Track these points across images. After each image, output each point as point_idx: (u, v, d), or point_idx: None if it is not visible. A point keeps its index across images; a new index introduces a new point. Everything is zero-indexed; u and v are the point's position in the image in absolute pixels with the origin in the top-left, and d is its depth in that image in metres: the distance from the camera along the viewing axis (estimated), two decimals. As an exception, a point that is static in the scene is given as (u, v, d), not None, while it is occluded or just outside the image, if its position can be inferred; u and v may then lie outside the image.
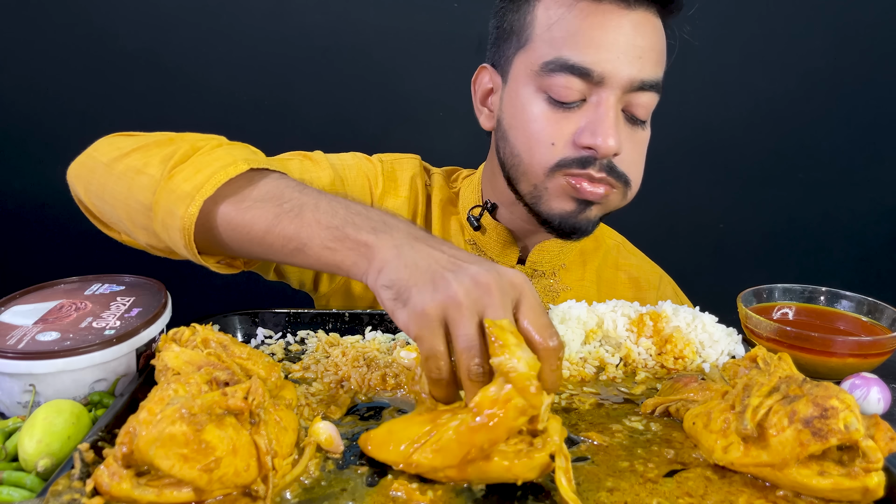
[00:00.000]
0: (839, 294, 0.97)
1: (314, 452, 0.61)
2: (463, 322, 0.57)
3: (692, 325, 0.84)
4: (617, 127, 0.93)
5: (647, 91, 0.94)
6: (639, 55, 0.92)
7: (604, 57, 0.91)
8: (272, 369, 0.70)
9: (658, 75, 0.95)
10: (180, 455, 0.51)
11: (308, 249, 0.68)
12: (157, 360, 0.66)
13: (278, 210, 0.70)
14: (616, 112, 0.93)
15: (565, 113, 0.95)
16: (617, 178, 0.95)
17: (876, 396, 0.78)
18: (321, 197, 0.71)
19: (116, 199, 0.78)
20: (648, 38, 0.93)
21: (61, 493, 0.52)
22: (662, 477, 0.61)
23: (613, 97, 0.92)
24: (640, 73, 0.92)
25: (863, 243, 2.19)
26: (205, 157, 0.75)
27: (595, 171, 0.94)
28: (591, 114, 0.93)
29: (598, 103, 0.93)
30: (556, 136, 0.95)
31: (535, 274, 1.12)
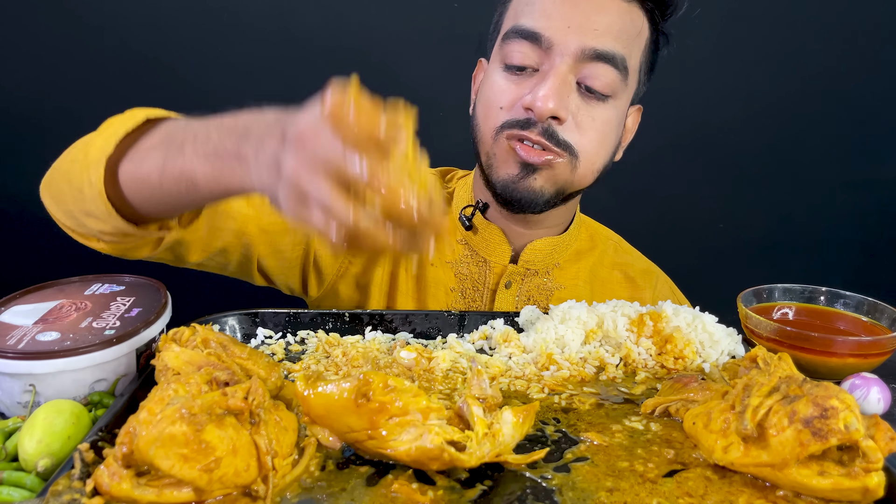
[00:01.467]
0: (839, 294, 0.97)
1: (314, 452, 0.61)
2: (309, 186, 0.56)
3: (692, 325, 0.84)
4: (560, 92, 0.92)
5: (602, 62, 0.94)
6: (594, 27, 0.93)
7: (555, 24, 0.93)
8: (272, 369, 0.70)
9: (615, 49, 0.94)
10: (180, 455, 0.51)
11: (198, 183, 0.70)
12: (157, 360, 0.66)
13: (165, 153, 0.73)
14: (563, 79, 0.93)
15: (518, 78, 0.96)
16: (557, 144, 0.95)
17: (876, 396, 0.78)
18: (200, 125, 0.72)
19: (65, 194, 0.80)
20: (609, 17, 0.93)
21: (61, 493, 0.52)
22: (662, 477, 0.61)
23: (563, 64, 0.93)
24: (593, 41, 0.92)
25: (863, 243, 2.19)
26: (111, 126, 0.78)
27: (534, 134, 0.94)
28: (538, 78, 0.95)
29: (548, 70, 0.94)
30: (506, 100, 0.97)
31: (528, 273, 1.11)
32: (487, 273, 1.10)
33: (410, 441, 0.58)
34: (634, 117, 1.10)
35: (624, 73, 0.96)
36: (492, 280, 1.10)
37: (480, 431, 0.59)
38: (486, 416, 0.61)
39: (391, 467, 0.60)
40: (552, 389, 0.76)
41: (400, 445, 0.58)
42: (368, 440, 0.59)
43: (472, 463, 0.58)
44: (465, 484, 0.59)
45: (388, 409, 0.57)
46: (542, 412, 0.71)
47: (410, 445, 0.58)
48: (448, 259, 1.12)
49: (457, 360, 0.81)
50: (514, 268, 1.10)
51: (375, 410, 0.57)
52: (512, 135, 0.96)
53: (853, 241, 2.18)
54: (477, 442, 0.58)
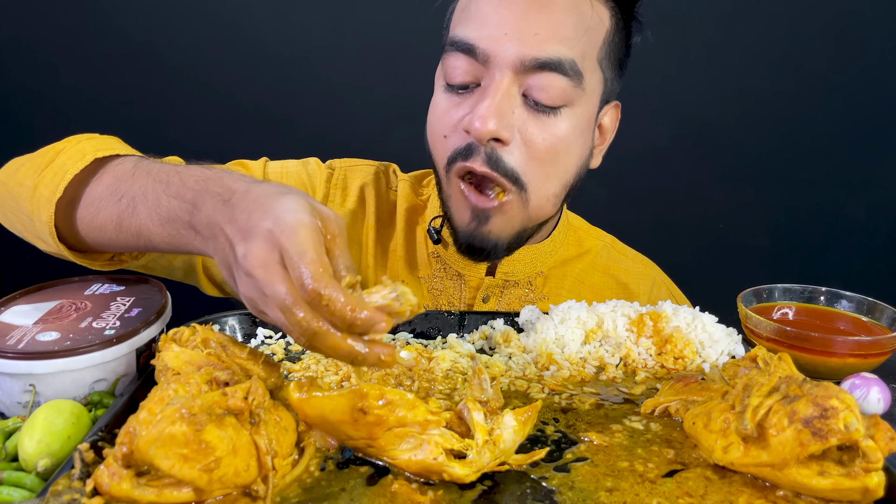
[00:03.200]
0: (839, 294, 0.97)
1: (314, 452, 0.61)
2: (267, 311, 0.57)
3: (692, 325, 0.84)
4: (501, 109, 0.82)
5: (548, 72, 0.83)
6: (535, 31, 0.82)
7: (489, 33, 0.83)
8: (272, 369, 0.70)
9: (562, 54, 0.83)
10: (180, 455, 0.51)
11: (156, 245, 0.73)
12: (157, 360, 0.66)
13: (117, 208, 0.74)
14: (504, 94, 0.83)
15: (458, 99, 0.87)
16: (504, 175, 0.85)
17: (876, 396, 0.78)
18: (147, 178, 0.72)
19: (14, 213, 0.83)
20: (553, 15, 0.83)
21: (61, 493, 0.52)
22: (662, 477, 0.61)
23: (504, 78, 0.83)
24: (534, 50, 0.82)
25: (863, 243, 2.19)
26: (62, 158, 0.78)
27: (478, 163, 0.85)
28: (478, 96, 0.85)
29: (487, 85, 0.84)
30: (448, 126, 0.88)
31: (508, 284, 1.05)
32: (463, 287, 1.04)
33: (410, 451, 0.58)
34: (612, 115, 1.00)
35: (576, 77, 0.85)
36: (468, 294, 1.04)
37: (481, 439, 0.59)
38: (486, 420, 0.61)
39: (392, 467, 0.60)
40: (552, 389, 0.76)
41: (400, 454, 0.58)
42: (368, 448, 0.60)
43: (471, 478, 0.58)
44: (465, 484, 0.59)
45: (386, 422, 0.57)
46: (542, 412, 0.71)
47: (410, 456, 0.58)
48: (420, 274, 1.06)
49: (457, 359, 0.81)
50: (492, 280, 1.04)
51: (373, 423, 0.57)
52: (459, 169, 0.87)
53: (853, 241, 2.18)
54: (477, 452, 0.58)
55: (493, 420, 0.61)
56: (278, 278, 0.55)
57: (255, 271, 0.56)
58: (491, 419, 0.61)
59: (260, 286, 0.56)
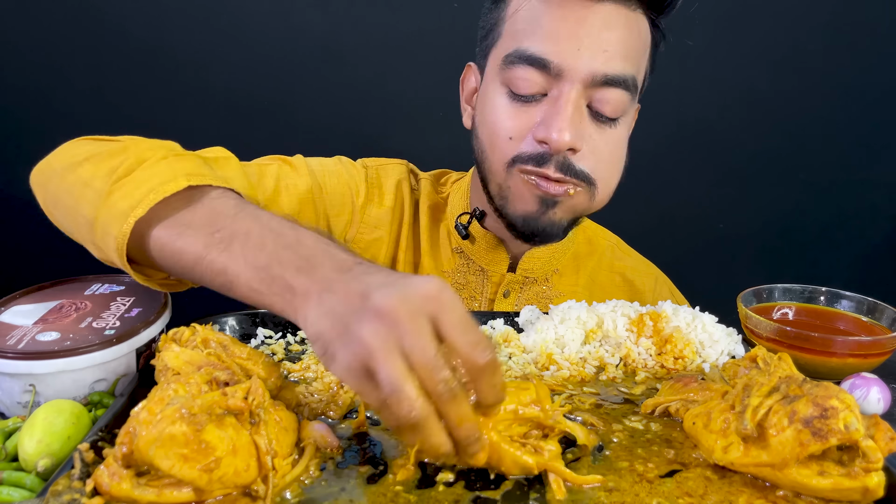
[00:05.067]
0: (839, 294, 0.97)
1: (314, 452, 0.61)
2: (379, 367, 0.51)
3: (692, 325, 0.84)
4: (574, 121, 0.89)
5: (613, 87, 0.90)
6: (603, 48, 0.88)
7: (563, 48, 0.88)
8: (272, 369, 0.70)
9: (626, 71, 0.90)
10: (180, 455, 0.51)
11: (236, 288, 0.64)
12: (157, 360, 0.66)
13: (208, 240, 0.66)
14: (575, 106, 0.89)
15: (525, 107, 0.92)
16: (576, 176, 0.92)
17: (876, 396, 0.78)
18: (254, 223, 0.66)
19: (67, 209, 0.76)
20: (618, 33, 0.89)
21: (61, 493, 0.52)
22: (662, 477, 0.61)
23: (574, 91, 0.89)
24: (604, 66, 0.88)
25: (863, 243, 2.19)
26: (146, 172, 0.71)
27: (551, 170, 0.91)
28: (550, 107, 0.90)
29: (558, 97, 0.89)
30: (515, 130, 0.93)
31: (527, 281, 1.10)
32: (485, 282, 1.09)
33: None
34: (633, 116, 1.07)
35: (634, 92, 0.93)
36: (490, 289, 1.09)
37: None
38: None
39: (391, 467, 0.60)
40: (552, 389, 0.76)
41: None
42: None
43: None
44: (466, 485, 0.59)
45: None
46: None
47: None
48: (444, 269, 1.09)
49: None
50: (513, 276, 1.08)
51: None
52: (526, 170, 0.92)
53: (853, 241, 2.18)
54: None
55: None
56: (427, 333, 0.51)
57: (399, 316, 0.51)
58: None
59: (398, 333, 0.51)
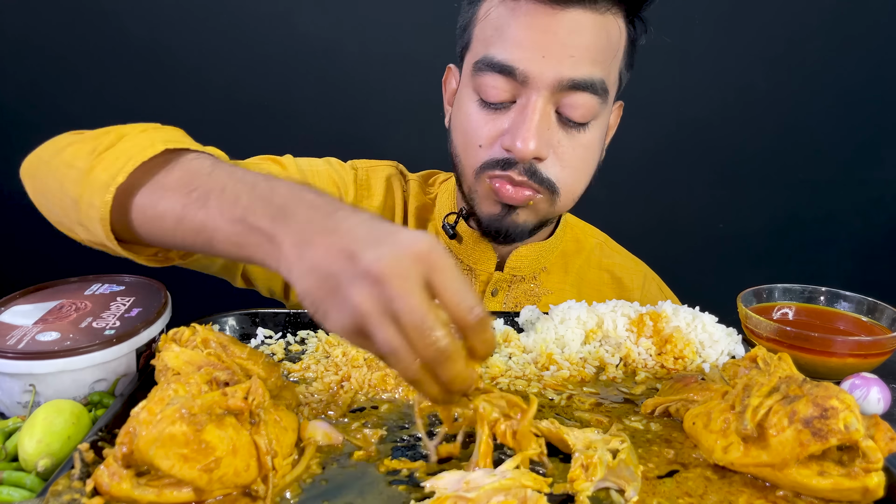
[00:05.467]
0: (839, 294, 0.97)
1: (314, 452, 0.61)
2: (375, 331, 0.52)
3: (692, 325, 0.84)
4: (540, 130, 0.89)
5: (581, 91, 0.89)
6: (569, 54, 0.87)
7: (528, 55, 0.87)
8: (272, 369, 0.70)
9: (594, 75, 0.89)
10: (180, 455, 0.51)
11: (217, 244, 0.64)
12: (157, 360, 0.66)
13: (186, 200, 0.66)
14: (542, 114, 0.89)
15: (494, 114, 0.92)
16: (540, 182, 0.92)
17: (876, 396, 0.78)
18: (229, 178, 0.66)
19: (53, 194, 0.76)
20: (584, 37, 0.88)
21: (61, 493, 0.52)
22: (662, 477, 0.61)
23: (540, 98, 0.88)
24: (570, 71, 0.87)
25: (863, 243, 2.19)
26: (125, 144, 0.71)
27: (516, 174, 0.91)
28: (516, 116, 0.90)
29: (525, 105, 0.89)
30: (484, 138, 0.93)
31: (515, 279, 1.10)
32: (473, 281, 1.09)
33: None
34: (616, 114, 1.06)
35: (604, 95, 0.92)
36: (478, 288, 1.09)
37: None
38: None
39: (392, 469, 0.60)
40: (553, 389, 0.76)
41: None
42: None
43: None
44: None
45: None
46: (541, 413, 0.71)
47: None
48: None
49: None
50: (500, 275, 1.09)
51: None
52: (493, 175, 0.93)
53: (853, 241, 2.18)
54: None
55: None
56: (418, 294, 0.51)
57: (390, 279, 0.51)
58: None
59: (389, 296, 0.51)
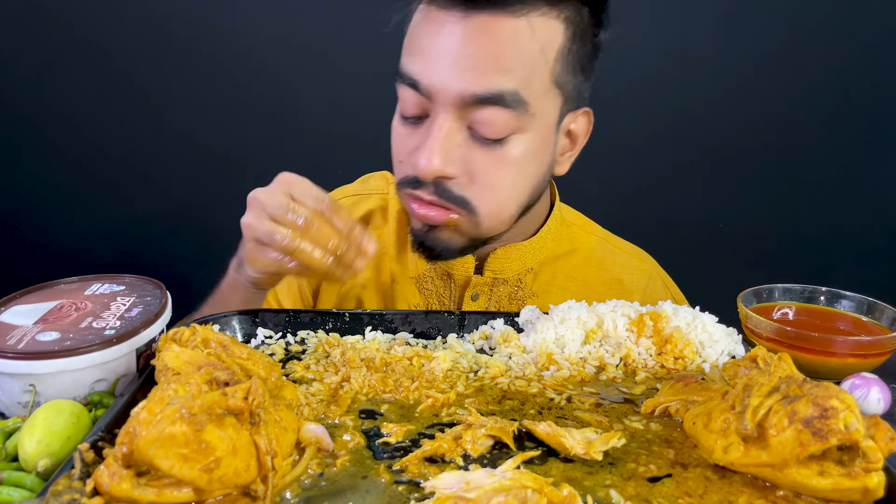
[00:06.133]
0: (839, 294, 0.97)
1: (315, 453, 0.61)
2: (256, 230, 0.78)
3: (692, 325, 0.84)
4: (444, 147, 0.84)
5: (489, 106, 0.82)
6: (472, 65, 0.81)
7: (430, 68, 0.83)
8: (272, 369, 0.70)
9: (503, 87, 0.82)
10: (180, 455, 0.51)
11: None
12: (157, 360, 0.66)
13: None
14: (449, 131, 0.84)
15: (411, 129, 0.89)
16: (452, 202, 0.87)
17: (876, 396, 0.78)
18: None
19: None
20: (493, 45, 0.81)
21: (61, 493, 0.52)
22: (662, 477, 0.61)
23: (447, 114, 0.83)
24: (472, 86, 0.81)
25: (863, 243, 2.19)
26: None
27: (425, 193, 0.87)
28: (424, 132, 0.86)
29: (432, 120, 0.85)
30: (403, 154, 0.91)
31: (497, 282, 1.05)
32: (452, 286, 1.07)
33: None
34: (582, 122, 0.97)
35: (520, 107, 0.84)
36: (456, 293, 1.07)
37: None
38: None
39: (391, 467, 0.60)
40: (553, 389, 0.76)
41: None
42: None
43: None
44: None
45: None
46: (542, 413, 0.71)
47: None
48: (411, 275, 1.08)
49: (457, 360, 0.81)
50: (480, 279, 1.05)
51: None
52: (407, 193, 0.90)
53: (853, 240, 2.18)
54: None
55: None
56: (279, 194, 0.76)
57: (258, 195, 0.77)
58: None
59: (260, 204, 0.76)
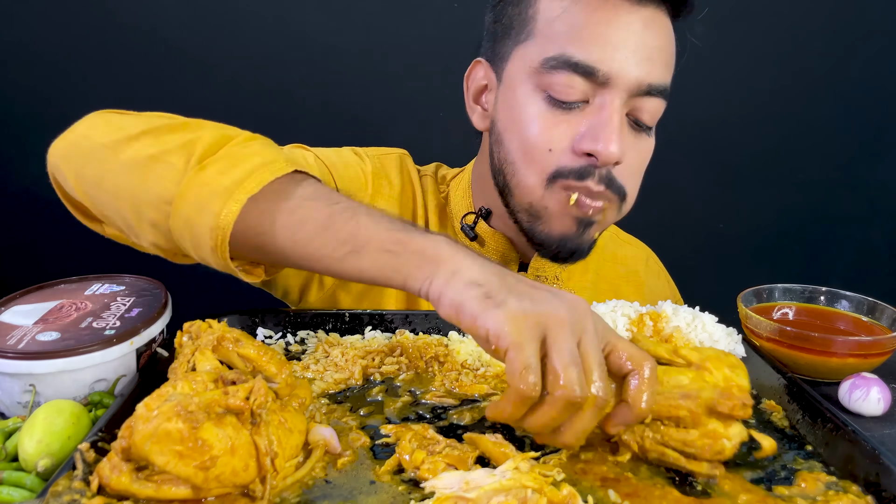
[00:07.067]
0: (839, 294, 0.97)
1: (322, 456, 0.61)
2: (564, 338, 0.54)
3: (692, 325, 0.84)
4: (622, 134, 0.86)
5: (654, 96, 0.88)
6: (648, 56, 0.85)
7: (610, 55, 0.84)
8: (283, 366, 0.68)
9: (666, 80, 0.89)
10: (175, 452, 0.50)
11: (364, 252, 0.62)
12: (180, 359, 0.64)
13: (330, 210, 0.65)
14: (621, 116, 0.86)
15: (565, 115, 0.87)
16: (615, 191, 0.89)
17: (876, 396, 0.78)
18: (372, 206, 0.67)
19: (120, 187, 0.69)
20: (659, 39, 0.87)
21: (61, 494, 0.52)
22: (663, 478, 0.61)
23: (619, 100, 0.85)
24: (649, 75, 0.86)
25: (863, 243, 2.19)
26: (241, 151, 0.67)
27: (594, 183, 0.87)
28: (594, 117, 0.86)
29: (602, 106, 0.86)
30: (555, 141, 0.87)
31: (538, 279, 1.06)
32: None
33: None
34: None
35: (667, 100, 0.90)
36: None
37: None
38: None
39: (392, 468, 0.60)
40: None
41: None
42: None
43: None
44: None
45: None
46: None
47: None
48: None
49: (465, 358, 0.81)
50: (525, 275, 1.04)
51: None
52: (569, 185, 0.88)
53: (853, 241, 2.18)
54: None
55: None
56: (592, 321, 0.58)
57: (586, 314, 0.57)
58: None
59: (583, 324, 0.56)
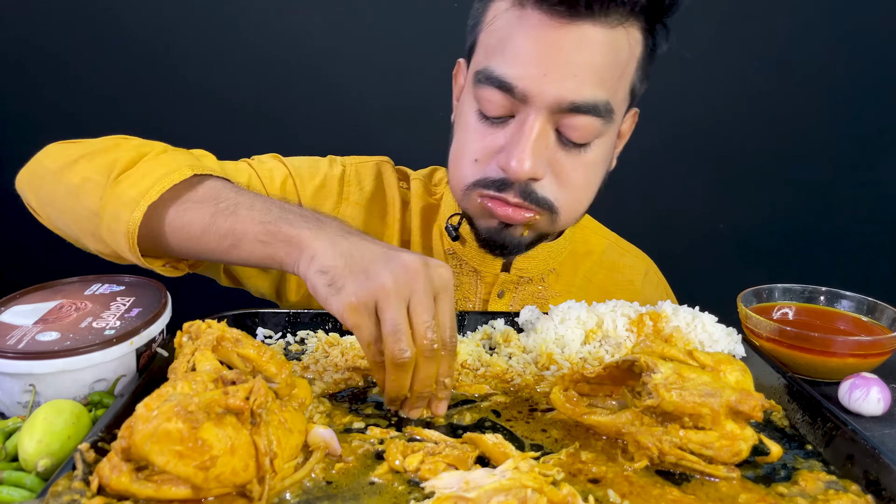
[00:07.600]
0: (839, 294, 0.97)
1: (322, 457, 0.61)
2: (389, 307, 0.61)
3: (692, 325, 0.84)
4: (536, 149, 0.84)
5: (581, 114, 0.84)
6: (573, 73, 0.82)
7: (528, 73, 0.82)
8: (283, 367, 0.68)
9: (597, 97, 0.83)
10: (175, 452, 0.51)
11: (242, 244, 0.72)
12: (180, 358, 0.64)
13: (214, 209, 0.74)
14: (539, 133, 0.84)
15: (493, 128, 0.88)
16: (537, 203, 0.88)
17: (876, 396, 0.78)
18: (257, 198, 0.75)
19: (65, 205, 0.81)
20: (592, 55, 0.82)
21: (61, 494, 0.52)
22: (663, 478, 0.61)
23: (539, 117, 0.84)
24: (571, 93, 0.82)
25: (863, 243, 2.19)
26: (150, 164, 0.78)
27: (511, 196, 0.87)
28: (513, 134, 0.86)
29: (522, 122, 0.85)
30: (480, 153, 0.89)
31: (522, 281, 1.07)
32: (478, 283, 1.07)
33: None
34: (630, 122, 1.00)
35: (608, 116, 0.86)
36: (483, 290, 1.07)
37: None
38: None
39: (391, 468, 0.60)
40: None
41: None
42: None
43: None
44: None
45: None
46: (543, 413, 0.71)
47: None
48: None
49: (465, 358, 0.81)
50: (507, 276, 1.06)
51: None
52: (485, 195, 0.89)
53: (853, 241, 2.18)
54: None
55: None
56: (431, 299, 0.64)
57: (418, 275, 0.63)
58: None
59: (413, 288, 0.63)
